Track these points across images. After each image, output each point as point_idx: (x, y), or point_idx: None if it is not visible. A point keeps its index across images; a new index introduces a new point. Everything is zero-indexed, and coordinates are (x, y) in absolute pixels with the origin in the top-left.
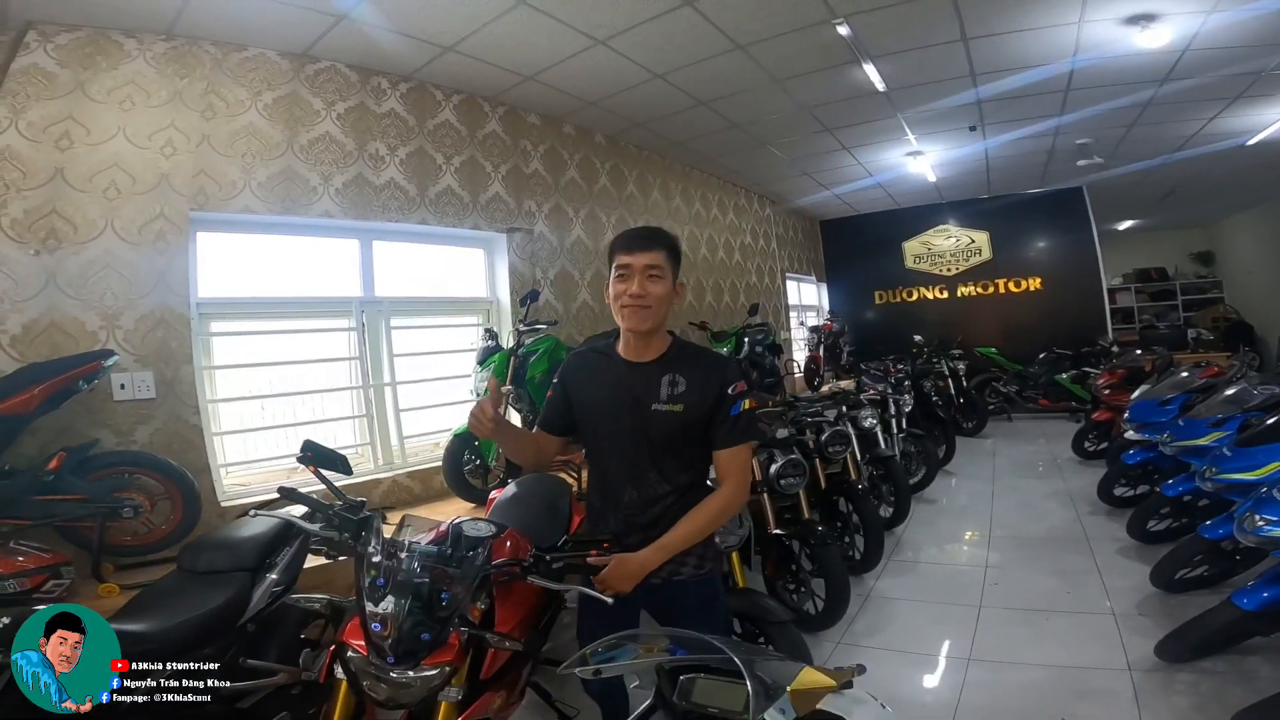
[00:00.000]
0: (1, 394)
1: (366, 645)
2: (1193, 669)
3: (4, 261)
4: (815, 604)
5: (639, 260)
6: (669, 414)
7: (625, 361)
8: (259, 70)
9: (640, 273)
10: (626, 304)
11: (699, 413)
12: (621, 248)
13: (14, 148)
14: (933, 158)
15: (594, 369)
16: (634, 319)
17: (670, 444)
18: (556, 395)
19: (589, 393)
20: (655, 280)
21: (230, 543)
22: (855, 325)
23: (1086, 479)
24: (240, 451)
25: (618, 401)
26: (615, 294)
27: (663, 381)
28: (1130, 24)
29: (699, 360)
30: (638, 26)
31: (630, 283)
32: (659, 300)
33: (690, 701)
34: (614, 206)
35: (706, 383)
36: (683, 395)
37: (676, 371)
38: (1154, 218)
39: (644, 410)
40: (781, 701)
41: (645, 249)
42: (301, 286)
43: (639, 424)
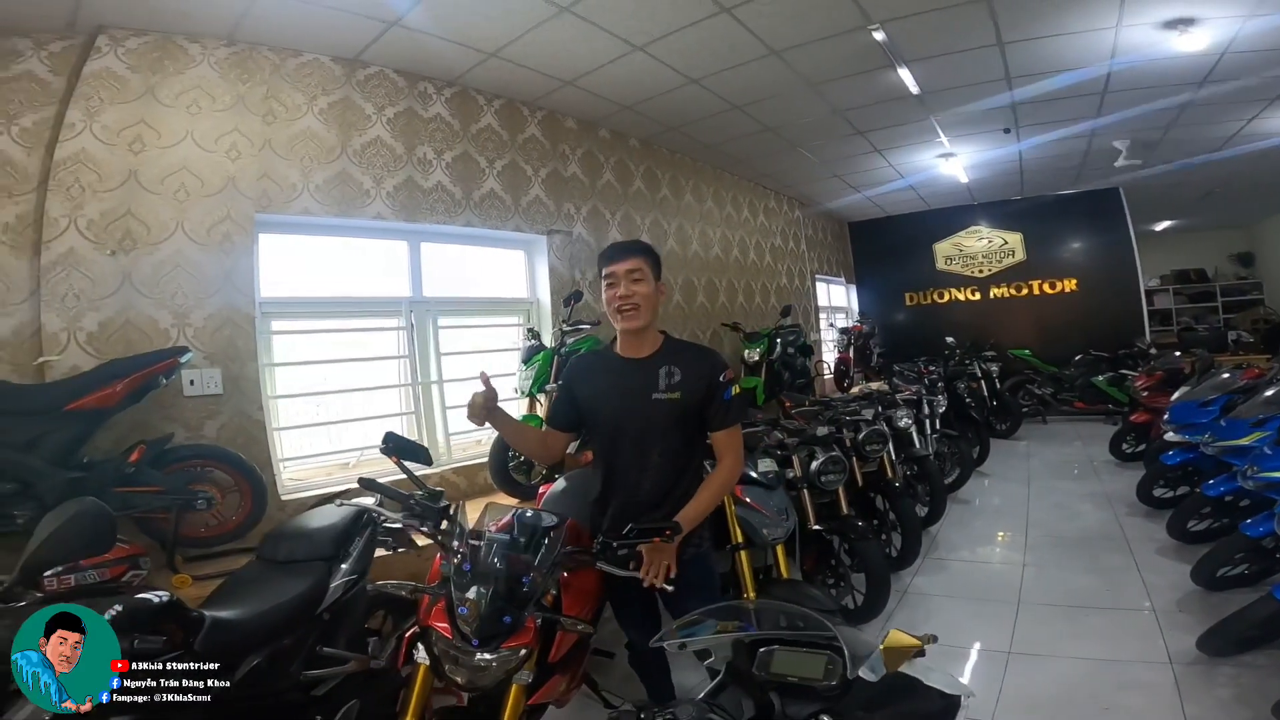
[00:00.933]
0: (86, 389)
1: (451, 629)
2: (1234, 662)
3: (81, 262)
4: (854, 599)
5: (622, 267)
6: (668, 401)
7: (624, 359)
8: (314, 75)
9: (624, 277)
10: (618, 306)
11: (694, 399)
12: (606, 260)
13: (90, 150)
14: (965, 159)
15: (595, 369)
16: (626, 319)
17: (670, 428)
18: (562, 395)
19: (593, 390)
20: (638, 282)
21: (307, 533)
22: (885, 327)
23: (1124, 481)
24: (296, 447)
25: (621, 394)
26: (607, 300)
27: (660, 373)
28: (1168, 28)
29: (689, 354)
30: (675, 33)
31: (618, 288)
32: (645, 299)
33: (770, 672)
34: (648, 209)
35: (699, 372)
36: (679, 384)
37: (672, 364)
38: (1193, 218)
39: (646, 399)
40: (873, 660)
41: (626, 257)
42: (355, 287)
43: (642, 412)
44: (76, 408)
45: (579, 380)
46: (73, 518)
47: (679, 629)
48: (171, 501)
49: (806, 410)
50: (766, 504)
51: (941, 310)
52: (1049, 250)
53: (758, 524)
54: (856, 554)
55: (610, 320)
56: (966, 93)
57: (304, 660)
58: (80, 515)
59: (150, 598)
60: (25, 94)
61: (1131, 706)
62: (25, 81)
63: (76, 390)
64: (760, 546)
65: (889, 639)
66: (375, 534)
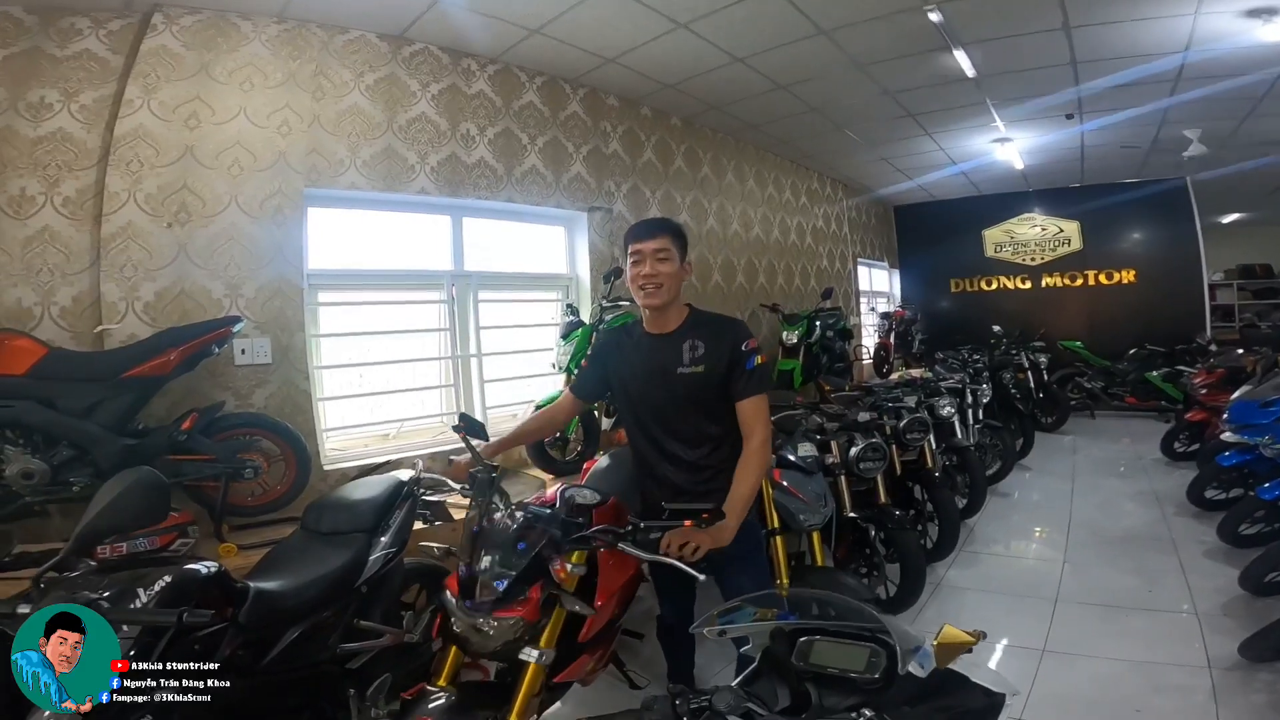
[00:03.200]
0: (142, 356)
1: (456, 586)
2: (1272, 669)
3: (139, 234)
4: (887, 589)
5: (648, 246)
6: (693, 375)
7: (649, 335)
8: (361, 52)
9: (650, 256)
10: (642, 284)
11: (718, 371)
12: (633, 238)
13: (147, 126)
14: (1021, 144)
15: (623, 346)
16: (649, 296)
17: (697, 400)
18: (593, 367)
19: (620, 367)
20: (664, 261)
21: (349, 504)
22: (928, 313)
23: (1175, 480)
24: (338, 418)
25: (648, 370)
26: (631, 277)
27: (684, 348)
28: (1251, 17)
29: (713, 325)
30: (721, 10)
31: (643, 265)
32: (669, 278)
33: (809, 662)
34: (689, 188)
35: (721, 344)
36: (702, 357)
37: (694, 338)
38: (1262, 211)
39: (671, 375)
40: (923, 655)
41: (653, 235)
42: (398, 261)
43: (668, 386)
44: (133, 375)
45: (609, 355)
46: (129, 487)
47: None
48: (221, 470)
49: (846, 395)
50: (805, 489)
51: (989, 298)
52: (1107, 240)
53: (795, 510)
54: (892, 544)
55: (634, 296)
56: (1027, 77)
57: (342, 633)
58: (136, 485)
59: (199, 568)
60: (85, 72)
61: (1164, 709)
62: (85, 60)
63: (133, 358)
64: (796, 532)
65: (942, 634)
66: (415, 506)
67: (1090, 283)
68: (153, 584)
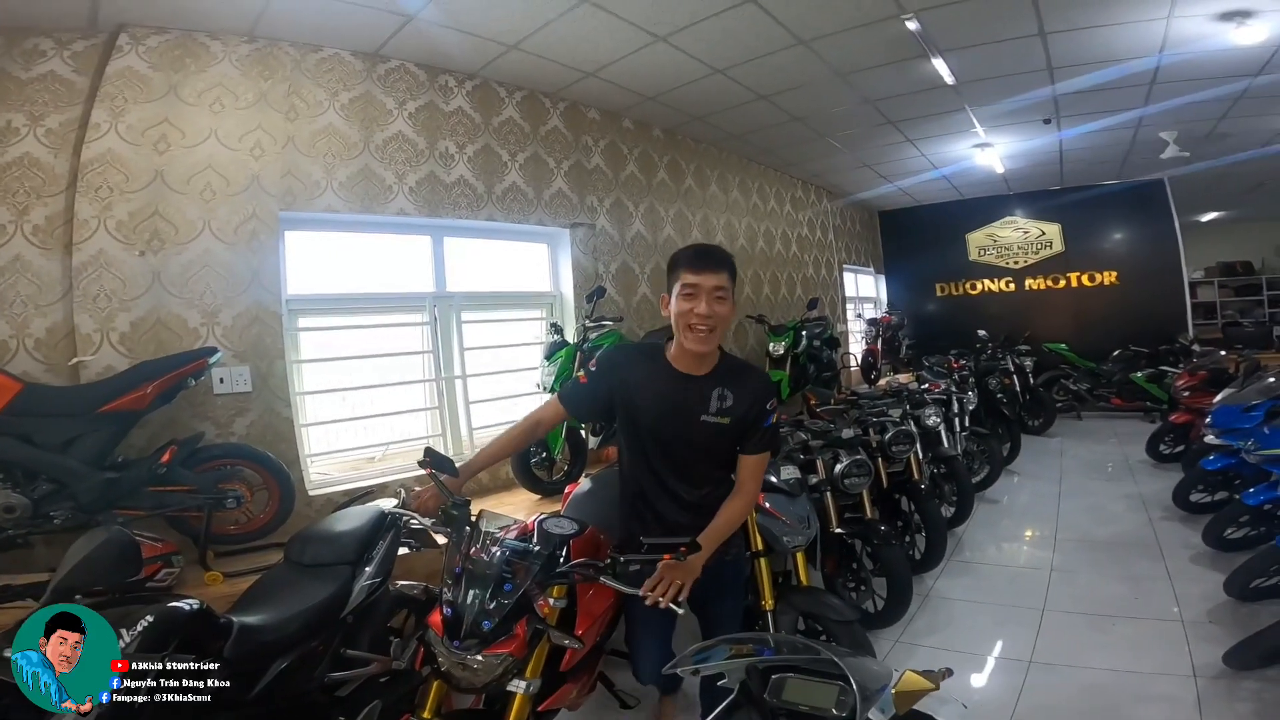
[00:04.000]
0: (118, 391)
1: (441, 626)
2: (1259, 677)
3: (112, 262)
4: (875, 602)
5: (707, 281)
6: (716, 424)
7: (677, 372)
8: (335, 71)
9: (708, 294)
10: (695, 323)
11: (741, 425)
12: (688, 266)
13: (116, 151)
14: (1002, 149)
15: (646, 373)
16: (700, 341)
17: (711, 450)
18: (595, 384)
19: (638, 395)
20: (721, 301)
21: (332, 536)
22: (914, 318)
23: (1161, 483)
24: (322, 443)
25: (670, 409)
26: (681, 311)
27: (713, 395)
28: (1224, 20)
29: (745, 377)
30: (699, 23)
31: (697, 302)
32: (723, 321)
33: (781, 699)
34: (672, 200)
35: (752, 400)
36: (730, 409)
37: (726, 386)
38: (1241, 209)
39: (693, 420)
40: (884, 702)
41: (714, 270)
42: (378, 283)
43: (686, 432)
44: (110, 410)
45: (621, 380)
46: (100, 547)
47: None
48: (203, 501)
49: (832, 408)
50: (788, 511)
51: (973, 301)
52: (1088, 241)
53: (778, 532)
54: (879, 558)
55: (676, 331)
56: (1005, 83)
57: (329, 663)
58: (108, 543)
59: (181, 606)
60: (50, 94)
61: (1150, 719)
62: (49, 82)
63: (109, 393)
64: (780, 554)
65: (902, 681)
66: (398, 536)
67: (1073, 284)
68: (135, 623)
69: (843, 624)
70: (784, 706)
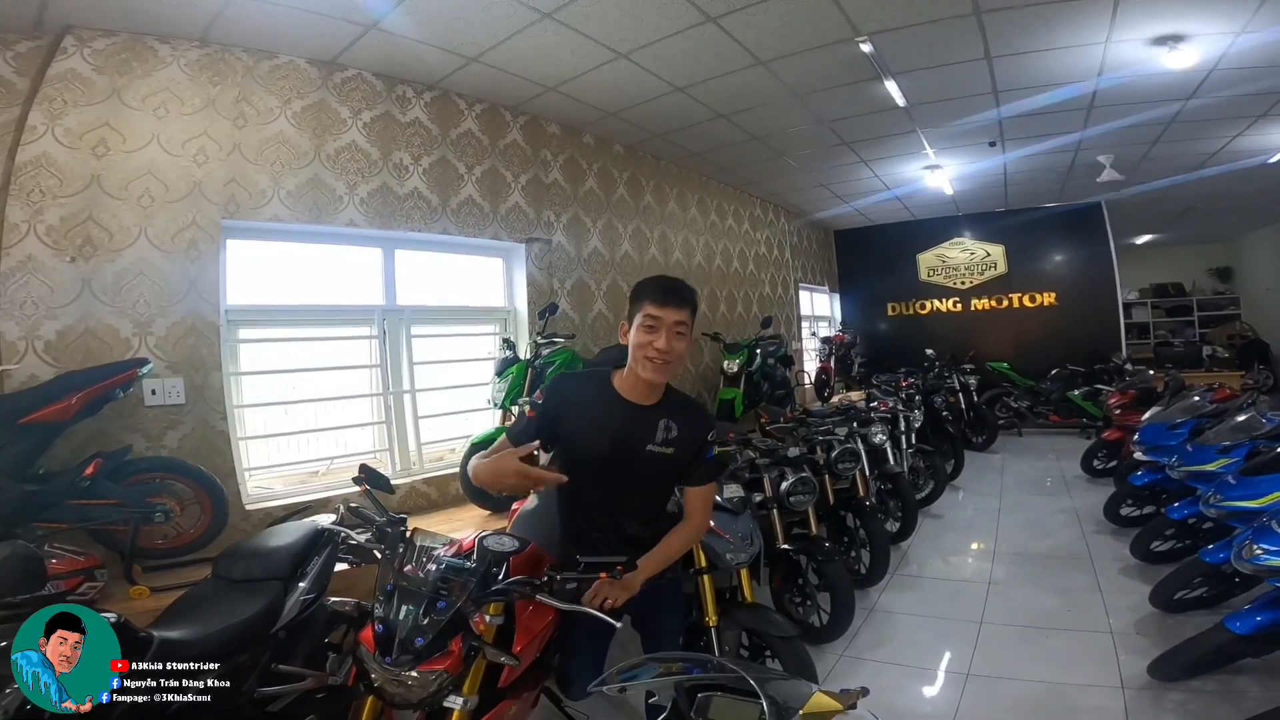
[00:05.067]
0: (41, 401)
1: (373, 642)
2: (1183, 688)
3: (40, 269)
4: (820, 617)
5: (670, 316)
6: (661, 455)
7: (626, 402)
8: (289, 78)
9: (669, 329)
10: (652, 356)
11: (685, 456)
12: (653, 299)
13: (51, 154)
14: (951, 171)
15: (592, 402)
16: (657, 373)
17: (654, 480)
18: (543, 417)
19: (583, 424)
20: (680, 337)
21: (264, 551)
22: (867, 336)
23: (1094, 497)
24: (263, 456)
25: (617, 439)
26: (639, 343)
27: (660, 425)
28: (1158, 44)
29: (688, 410)
30: (660, 41)
31: (658, 336)
32: (680, 357)
33: (707, 717)
34: (631, 217)
35: (695, 432)
36: (675, 440)
37: (671, 418)
38: (1173, 232)
39: (638, 450)
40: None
41: (677, 306)
42: (325, 294)
43: (630, 462)
44: (31, 420)
45: (567, 407)
46: (2, 561)
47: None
48: (129, 515)
49: (782, 426)
50: (731, 529)
51: (923, 321)
52: (1030, 263)
53: (721, 549)
54: (823, 574)
55: (633, 362)
56: (953, 105)
57: (258, 678)
58: (10, 559)
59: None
60: None
61: None
62: None
63: (31, 403)
64: (724, 570)
65: (811, 702)
66: (335, 551)
67: (1015, 305)
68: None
69: (784, 640)
70: None
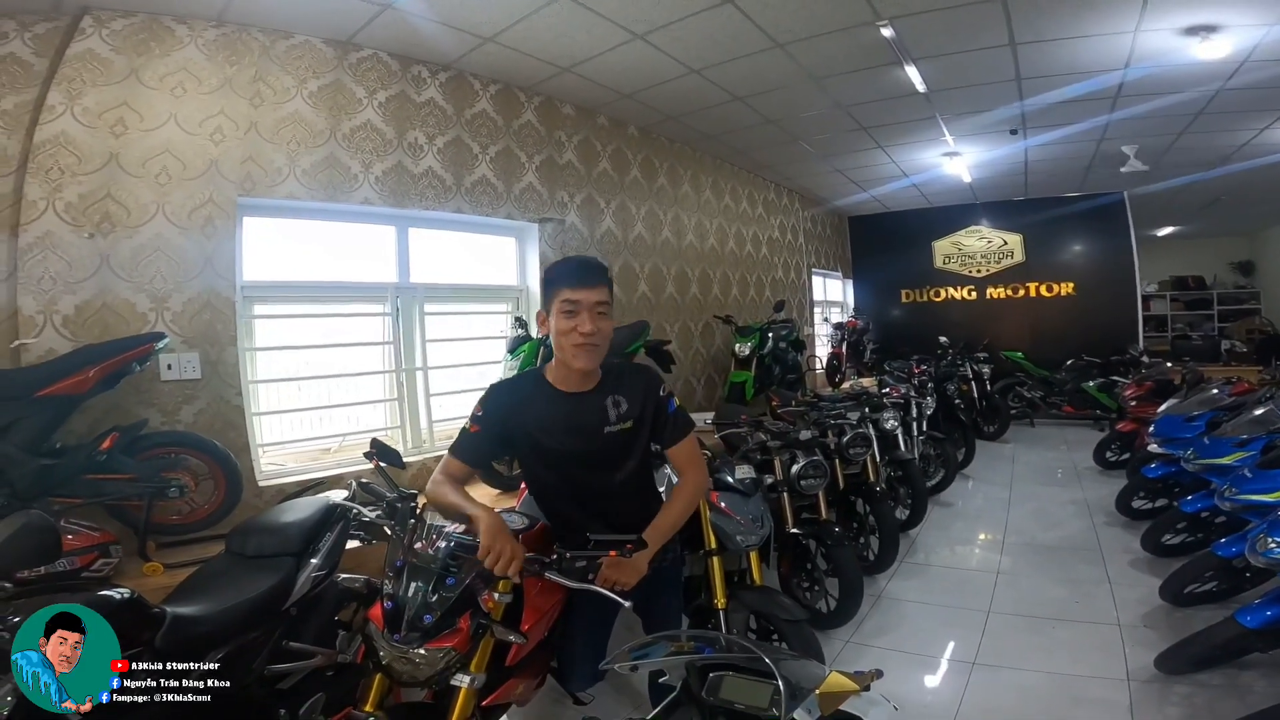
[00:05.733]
0: (58, 375)
1: (381, 619)
2: (1189, 681)
3: (59, 245)
4: (828, 602)
5: (588, 297)
6: (621, 432)
7: (565, 394)
8: (305, 58)
9: (589, 310)
10: (579, 343)
11: (644, 423)
12: (568, 283)
13: (70, 133)
14: (969, 158)
15: (532, 403)
16: (587, 358)
17: (627, 457)
18: (486, 431)
19: (534, 427)
20: (603, 317)
21: (277, 527)
22: (880, 323)
23: (1105, 489)
24: (276, 432)
25: (571, 432)
26: (562, 330)
27: (608, 405)
28: (1189, 34)
29: (630, 377)
30: (677, 22)
31: (580, 319)
32: (606, 337)
33: (718, 697)
34: (644, 198)
35: (643, 395)
36: (627, 413)
37: (615, 393)
38: (1195, 224)
39: (597, 435)
40: (809, 702)
41: (594, 285)
42: (340, 272)
43: (592, 448)
44: (48, 394)
45: (511, 414)
46: (16, 532)
47: (630, 652)
48: (144, 490)
49: (794, 410)
50: (742, 511)
51: (937, 308)
52: (1048, 253)
53: (731, 531)
54: (832, 559)
55: (558, 352)
56: (975, 92)
57: (268, 655)
58: (25, 529)
59: (111, 595)
60: (7, 76)
61: None
62: (8, 64)
63: (48, 376)
64: (734, 552)
65: (827, 682)
66: (347, 528)
67: (1032, 294)
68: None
69: (792, 623)
70: (721, 704)
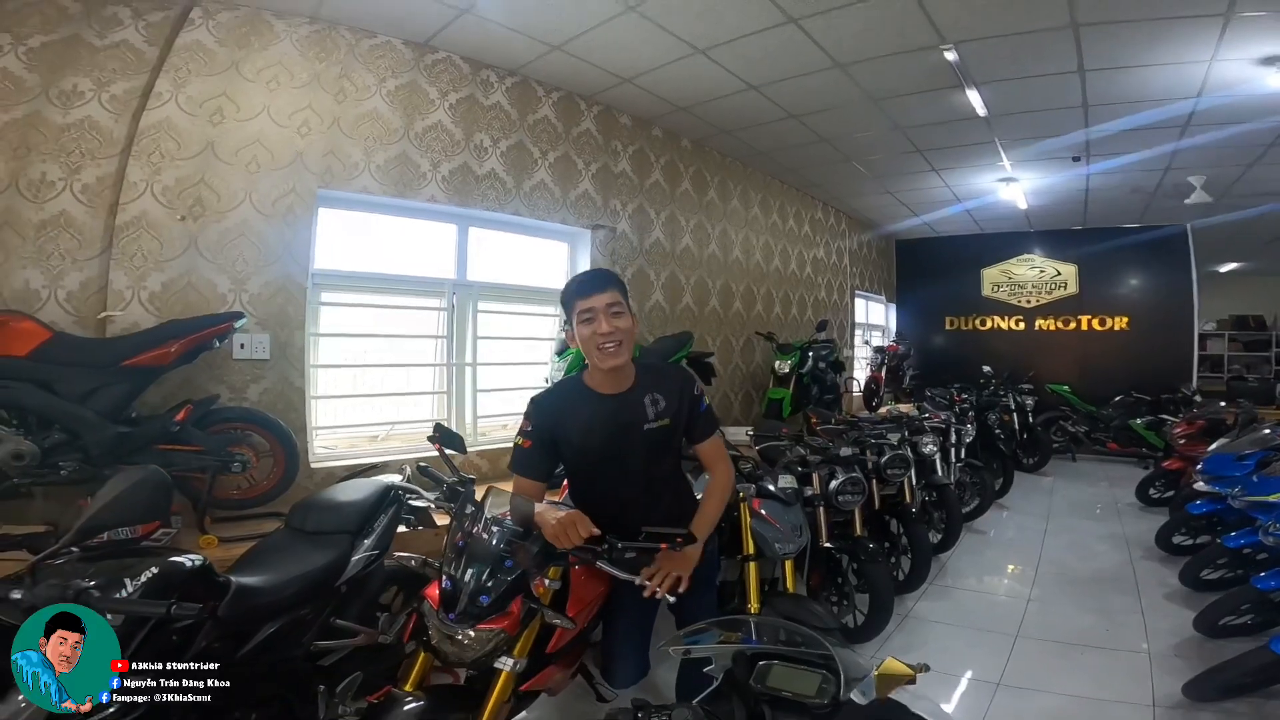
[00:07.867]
0: (144, 346)
1: (438, 599)
2: (1215, 709)
3: (153, 225)
4: (855, 618)
5: (600, 301)
6: (660, 429)
7: (603, 396)
8: (385, 57)
9: (604, 312)
10: (601, 344)
11: (680, 420)
12: (578, 294)
13: (173, 120)
14: (1027, 185)
15: (574, 409)
16: (611, 357)
17: (662, 452)
18: (539, 445)
19: (575, 431)
20: (618, 315)
21: (336, 505)
22: (922, 349)
23: (1145, 525)
24: (328, 416)
25: (608, 433)
26: (584, 336)
27: (646, 403)
28: (1266, 64)
29: (664, 376)
30: (739, 39)
31: (597, 323)
32: (626, 334)
33: (766, 686)
34: (694, 211)
35: (680, 393)
36: (665, 410)
37: (653, 391)
38: (1259, 261)
39: (637, 433)
40: (865, 684)
41: (602, 289)
42: (402, 265)
43: (633, 446)
44: (133, 364)
45: (558, 422)
46: (136, 484)
47: (684, 637)
48: (210, 463)
49: (833, 428)
50: (782, 519)
51: (982, 337)
52: (1103, 285)
53: (771, 538)
54: (864, 575)
55: (588, 358)
56: (1038, 118)
57: (317, 631)
58: (144, 483)
59: (184, 561)
60: (120, 62)
61: None
62: (121, 50)
63: (134, 347)
64: (770, 559)
65: (884, 666)
66: (400, 511)
67: (1083, 328)
68: (139, 574)
69: (825, 631)
70: (768, 692)
